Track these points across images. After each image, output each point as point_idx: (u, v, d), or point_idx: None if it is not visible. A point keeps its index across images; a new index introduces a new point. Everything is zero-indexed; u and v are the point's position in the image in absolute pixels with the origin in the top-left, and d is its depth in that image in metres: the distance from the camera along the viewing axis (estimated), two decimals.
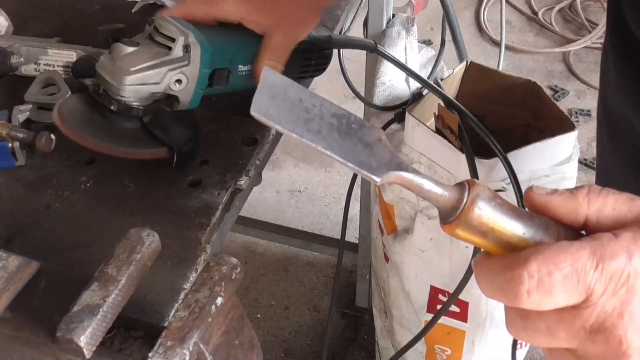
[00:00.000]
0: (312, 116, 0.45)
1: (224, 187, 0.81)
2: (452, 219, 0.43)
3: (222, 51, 0.82)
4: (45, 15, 1.15)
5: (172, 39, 0.78)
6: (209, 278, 0.60)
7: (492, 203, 0.42)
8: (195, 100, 0.82)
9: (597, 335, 0.39)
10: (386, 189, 1.20)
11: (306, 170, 2.45)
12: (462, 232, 0.43)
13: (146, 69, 0.77)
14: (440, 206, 0.43)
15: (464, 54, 1.40)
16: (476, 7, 3.21)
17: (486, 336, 1.27)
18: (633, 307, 0.39)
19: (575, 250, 0.39)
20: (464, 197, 0.42)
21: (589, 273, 0.39)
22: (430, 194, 0.43)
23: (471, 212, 0.42)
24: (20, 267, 0.64)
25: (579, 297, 0.39)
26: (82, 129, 0.78)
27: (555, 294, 0.39)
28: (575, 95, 2.73)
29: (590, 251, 0.39)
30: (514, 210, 0.43)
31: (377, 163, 0.44)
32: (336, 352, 1.86)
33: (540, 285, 0.39)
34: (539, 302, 0.39)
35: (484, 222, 0.42)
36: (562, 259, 0.39)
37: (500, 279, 0.40)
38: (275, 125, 0.43)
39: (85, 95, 0.81)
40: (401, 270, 1.26)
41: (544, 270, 0.39)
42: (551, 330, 0.40)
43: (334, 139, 0.44)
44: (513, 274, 0.39)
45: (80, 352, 0.56)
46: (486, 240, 0.43)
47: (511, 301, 0.40)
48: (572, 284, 0.39)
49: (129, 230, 0.64)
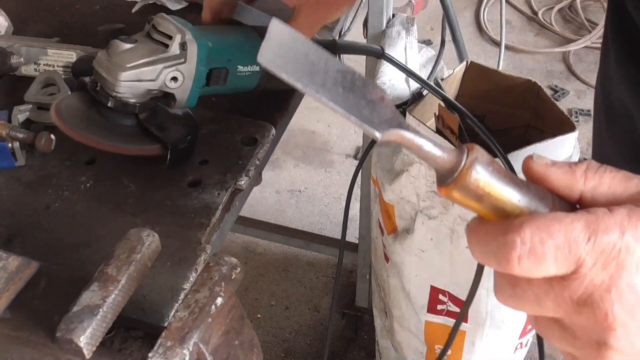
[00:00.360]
0: (318, 69, 0.45)
1: (224, 187, 0.81)
2: (449, 181, 0.43)
3: (220, 50, 0.82)
4: (45, 15, 1.15)
5: (169, 36, 0.79)
6: (208, 278, 0.60)
7: (490, 168, 0.42)
8: (192, 99, 0.82)
9: (584, 307, 0.40)
10: (387, 189, 1.20)
11: (306, 170, 2.45)
12: (458, 195, 0.43)
13: (142, 66, 0.77)
14: (438, 168, 0.44)
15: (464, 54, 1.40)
16: (476, 7, 3.21)
17: (486, 336, 1.27)
18: (622, 282, 0.39)
19: (569, 221, 0.39)
20: (462, 160, 0.42)
21: (580, 245, 0.39)
22: (429, 155, 0.43)
23: (468, 176, 0.42)
24: (20, 267, 0.64)
25: (568, 268, 0.39)
26: (78, 125, 0.78)
27: (546, 262, 0.39)
28: (575, 95, 2.73)
29: (585, 224, 0.39)
30: (511, 178, 0.43)
31: (379, 119, 0.44)
32: (336, 352, 1.86)
33: (532, 252, 0.39)
34: (529, 269, 0.40)
35: (480, 187, 0.42)
36: (556, 229, 0.39)
37: (494, 243, 0.41)
38: (281, 73, 0.43)
39: (84, 93, 0.81)
40: (401, 270, 1.26)
41: (537, 238, 0.39)
42: (539, 299, 0.41)
43: (337, 92, 0.44)
44: (506, 238, 0.40)
45: (80, 353, 0.56)
46: (481, 205, 0.43)
47: (502, 266, 0.40)
48: (564, 254, 0.39)
49: (129, 230, 0.64)
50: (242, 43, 0.84)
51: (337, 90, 0.44)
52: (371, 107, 0.45)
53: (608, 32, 0.80)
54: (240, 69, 0.84)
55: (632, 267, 0.39)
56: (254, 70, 0.86)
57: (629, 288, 0.39)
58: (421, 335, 1.34)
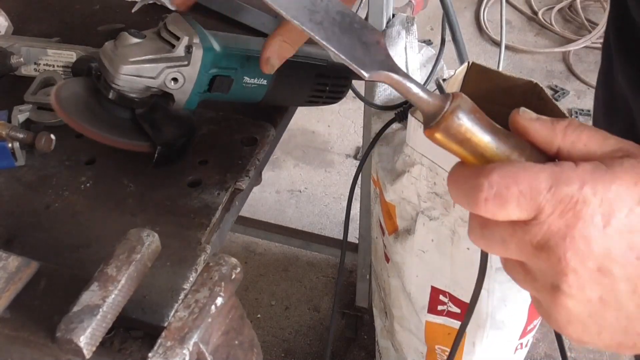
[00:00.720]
0: (318, 9, 0.47)
1: (224, 187, 0.81)
2: (432, 123, 0.45)
3: (227, 59, 0.80)
4: (45, 15, 1.15)
5: (177, 37, 0.78)
6: (208, 278, 0.60)
7: (472, 115, 0.45)
8: (191, 102, 0.81)
9: (542, 252, 0.42)
10: (388, 189, 1.20)
11: (306, 170, 2.45)
12: (440, 137, 0.45)
13: (144, 62, 0.77)
14: (424, 111, 0.47)
15: (464, 54, 1.40)
16: (476, 7, 3.21)
17: (487, 337, 1.27)
18: (576, 231, 0.41)
19: (536, 170, 0.42)
20: (446, 104, 0.45)
21: (542, 193, 0.41)
22: (416, 98, 0.47)
23: (450, 119, 0.45)
24: (20, 267, 0.64)
25: (530, 214, 0.42)
26: (73, 111, 0.77)
27: (509, 206, 0.42)
28: (575, 95, 2.73)
29: (549, 174, 0.42)
30: (492, 127, 0.46)
31: (370, 61, 0.47)
32: (336, 352, 1.86)
33: (497, 195, 0.42)
34: (494, 211, 0.43)
35: (461, 131, 0.45)
36: (522, 176, 0.42)
37: (466, 185, 0.44)
38: (279, 9, 0.45)
39: (87, 80, 0.81)
40: (402, 271, 1.26)
41: (503, 183, 0.42)
42: (504, 241, 0.44)
43: (333, 32, 0.47)
44: (477, 181, 0.43)
45: (80, 353, 0.56)
46: (463, 149, 0.46)
47: (471, 206, 0.44)
48: (526, 200, 0.42)
49: (129, 230, 0.64)
50: (252, 53, 0.82)
51: (333, 30, 0.47)
52: (364, 49, 0.47)
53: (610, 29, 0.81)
54: (246, 80, 0.83)
55: (587, 218, 0.41)
56: (261, 83, 0.84)
57: (582, 237, 0.41)
58: (421, 335, 1.34)
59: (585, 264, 0.41)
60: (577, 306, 0.43)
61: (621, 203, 0.41)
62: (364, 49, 0.47)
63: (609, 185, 0.41)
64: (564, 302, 0.43)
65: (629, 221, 0.41)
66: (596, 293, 0.42)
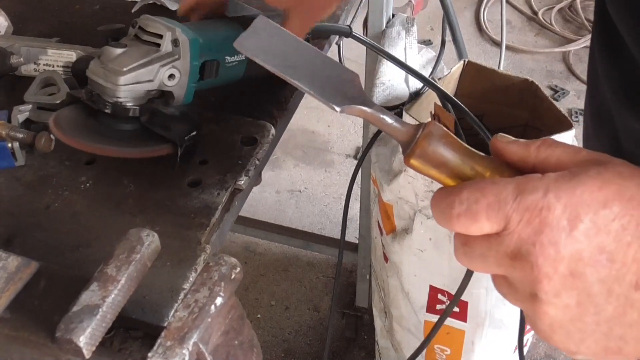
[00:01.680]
0: (291, 54, 0.51)
1: (224, 187, 0.81)
2: (408, 150, 0.48)
3: (209, 43, 0.83)
4: (45, 15, 1.15)
5: (160, 35, 0.79)
6: (208, 278, 0.60)
7: (443, 140, 0.48)
8: (189, 95, 0.83)
9: (516, 262, 0.43)
10: (385, 189, 1.20)
11: (306, 170, 2.45)
12: (417, 164, 0.48)
13: (138, 67, 0.77)
14: (400, 141, 0.49)
15: (464, 54, 1.40)
16: (476, 7, 3.21)
17: (486, 336, 1.27)
18: (544, 237, 0.42)
19: (503, 183, 0.44)
20: (418, 132, 0.48)
21: (508, 203, 0.43)
22: (390, 128, 0.50)
23: (424, 145, 0.47)
24: (20, 267, 0.64)
25: (500, 225, 0.43)
26: (81, 136, 0.79)
27: (480, 219, 0.44)
28: (575, 95, 2.73)
29: (515, 185, 0.44)
30: (465, 149, 0.48)
31: (342, 96, 0.50)
32: (336, 352, 1.86)
33: (467, 210, 0.44)
34: (467, 225, 0.44)
35: (436, 156, 0.48)
36: (489, 190, 0.44)
37: (443, 204, 0.46)
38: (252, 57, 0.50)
39: (79, 106, 0.82)
40: (400, 270, 1.26)
41: (472, 198, 0.44)
42: (484, 256, 0.45)
43: (306, 73, 0.50)
44: (449, 199, 0.45)
45: (79, 353, 0.56)
46: (440, 174, 0.48)
47: (447, 223, 0.46)
48: (494, 211, 0.43)
49: (129, 230, 0.64)
50: (228, 34, 0.85)
51: (306, 71, 0.50)
52: (338, 86, 0.51)
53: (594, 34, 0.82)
54: (228, 59, 0.86)
55: (554, 223, 0.42)
56: (241, 59, 0.88)
57: (550, 243, 0.42)
58: (420, 335, 1.35)
59: (557, 269, 0.42)
60: (556, 312, 0.43)
61: (586, 207, 0.42)
62: (337, 86, 0.50)
63: (572, 190, 0.42)
64: (544, 310, 0.44)
65: (595, 224, 0.42)
66: (573, 298, 0.43)
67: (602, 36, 0.78)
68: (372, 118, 0.50)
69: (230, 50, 0.86)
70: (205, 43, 0.82)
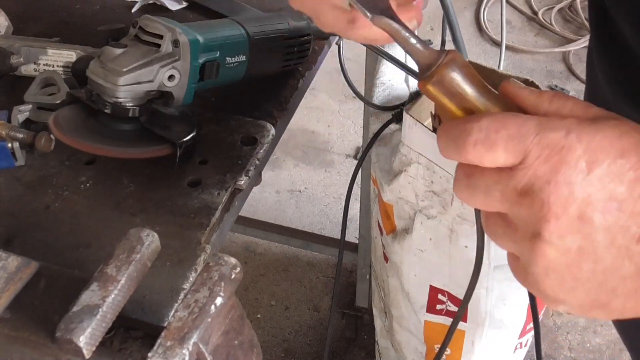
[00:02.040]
0: None
1: (224, 187, 0.81)
2: (426, 75, 0.47)
3: (210, 44, 0.83)
4: (45, 15, 1.15)
5: (160, 36, 0.79)
6: (208, 278, 0.60)
7: (464, 70, 0.46)
8: (189, 95, 0.83)
9: (525, 198, 0.43)
10: (385, 189, 1.20)
11: (306, 170, 2.45)
12: (433, 90, 0.47)
13: (138, 68, 0.78)
14: (419, 62, 0.48)
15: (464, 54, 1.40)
16: (476, 7, 3.21)
17: (486, 336, 1.27)
18: (560, 176, 0.42)
19: (524, 118, 0.44)
20: (440, 58, 0.46)
21: (529, 137, 0.43)
22: (413, 48, 0.48)
23: (444, 72, 0.46)
24: (20, 267, 0.64)
25: (516, 158, 0.43)
26: (81, 136, 0.79)
27: (497, 149, 0.43)
28: (575, 95, 2.73)
29: (537, 121, 0.43)
30: (483, 84, 0.47)
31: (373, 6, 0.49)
32: (336, 352, 1.87)
33: (486, 138, 0.43)
34: (482, 154, 0.44)
35: (453, 85, 0.46)
36: (511, 122, 0.43)
37: (455, 131, 0.45)
38: None
39: (79, 106, 0.82)
40: (400, 270, 1.26)
41: (492, 127, 0.43)
42: (488, 190, 0.44)
43: None
44: (466, 126, 0.44)
45: (79, 353, 0.56)
46: (453, 104, 0.47)
47: (459, 151, 0.44)
48: (513, 143, 0.43)
49: (129, 230, 0.64)
50: (228, 35, 0.86)
51: None
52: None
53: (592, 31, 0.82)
54: (228, 60, 0.86)
55: (572, 164, 0.42)
56: (241, 60, 0.88)
57: (566, 183, 0.42)
58: (420, 335, 1.34)
59: (567, 210, 0.42)
60: (556, 255, 0.43)
61: (605, 153, 0.42)
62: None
63: (593, 134, 0.42)
64: (544, 250, 0.43)
65: (610, 171, 0.42)
66: (575, 242, 0.42)
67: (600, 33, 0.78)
68: (396, 34, 0.49)
69: (230, 50, 0.86)
70: (205, 44, 0.82)
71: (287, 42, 0.94)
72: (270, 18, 0.95)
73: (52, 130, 0.79)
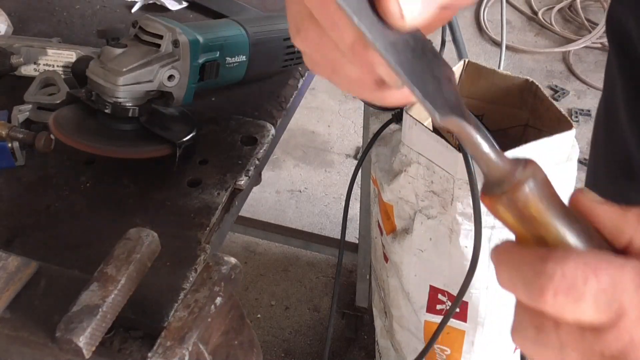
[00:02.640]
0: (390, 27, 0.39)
1: (224, 187, 0.81)
2: (497, 191, 0.38)
3: (210, 44, 0.83)
4: (45, 15, 1.15)
5: (160, 36, 0.79)
6: (208, 278, 0.60)
7: (545, 190, 0.37)
8: (188, 95, 0.83)
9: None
10: (385, 189, 1.20)
11: (306, 170, 2.45)
12: (502, 209, 0.38)
13: (138, 68, 0.78)
14: (488, 173, 0.39)
15: (464, 54, 1.40)
16: (476, 7, 3.21)
17: (486, 336, 1.27)
18: None
19: (620, 264, 0.34)
20: (516, 172, 0.37)
21: (626, 292, 0.34)
22: (484, 157, 0.38)
23: (519, 192, 0.37)
24: (20, 267, 0.64)
25: (608, 316, 0.34)
26: (80, 136, 0.79)
27: (584, 304, 0.34)
28: (575, 95, 2.73)
29: (636, 271, 0.34)
30: (563, 207, 0.38)
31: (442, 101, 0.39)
32: (336, 352, 1.86)
33: (571, 288, 0.34)
34: (562, 308, 0.34)
35: (528, 207, 0.37)
36: (604, 269, 0.34)
37: (529, 269, 0.35)
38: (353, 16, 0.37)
39: (79, 106, 0.82)
40: (400, 270, 1.26)
41: (580, 274, 0.34)
42: (564, 349, 0.35)
43: (406, 57, 0.38)
44: (546, 266, 0.35)
45: (79, 352, 0.56)
46: (522, 227, 0.38)
47: (533, 297, 0.35)
48: (606, 299, 0.34)
49: (129, 230, 0.64)
50: (228, 35, 0.86)
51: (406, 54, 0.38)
52: (437, 85, 0.39)
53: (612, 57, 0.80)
54: (228, 60, 0.87)
55: None
56: (241, 60, 0.88)
57: None
58: (421, 335, 1.34)
59: None
60: None
61: None
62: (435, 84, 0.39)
63: None
64: None
65: None
66: None
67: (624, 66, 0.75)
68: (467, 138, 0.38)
69: (231, 51, 0.86)
70: (205, 44, 0.82)
71: (287, 42, 0.94)
72: (270, 18, 0.95)
73: (52, 130, 0.79)
